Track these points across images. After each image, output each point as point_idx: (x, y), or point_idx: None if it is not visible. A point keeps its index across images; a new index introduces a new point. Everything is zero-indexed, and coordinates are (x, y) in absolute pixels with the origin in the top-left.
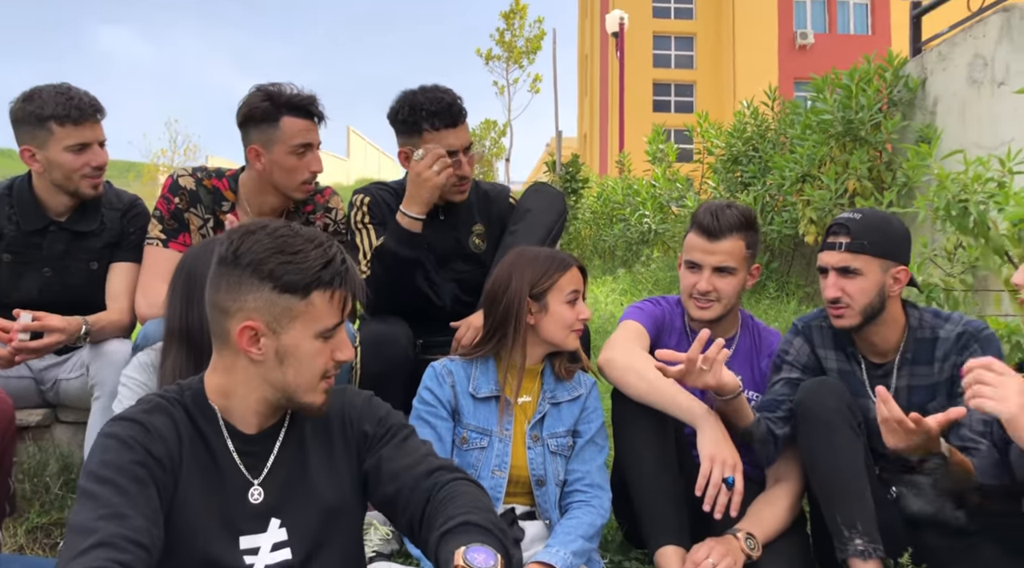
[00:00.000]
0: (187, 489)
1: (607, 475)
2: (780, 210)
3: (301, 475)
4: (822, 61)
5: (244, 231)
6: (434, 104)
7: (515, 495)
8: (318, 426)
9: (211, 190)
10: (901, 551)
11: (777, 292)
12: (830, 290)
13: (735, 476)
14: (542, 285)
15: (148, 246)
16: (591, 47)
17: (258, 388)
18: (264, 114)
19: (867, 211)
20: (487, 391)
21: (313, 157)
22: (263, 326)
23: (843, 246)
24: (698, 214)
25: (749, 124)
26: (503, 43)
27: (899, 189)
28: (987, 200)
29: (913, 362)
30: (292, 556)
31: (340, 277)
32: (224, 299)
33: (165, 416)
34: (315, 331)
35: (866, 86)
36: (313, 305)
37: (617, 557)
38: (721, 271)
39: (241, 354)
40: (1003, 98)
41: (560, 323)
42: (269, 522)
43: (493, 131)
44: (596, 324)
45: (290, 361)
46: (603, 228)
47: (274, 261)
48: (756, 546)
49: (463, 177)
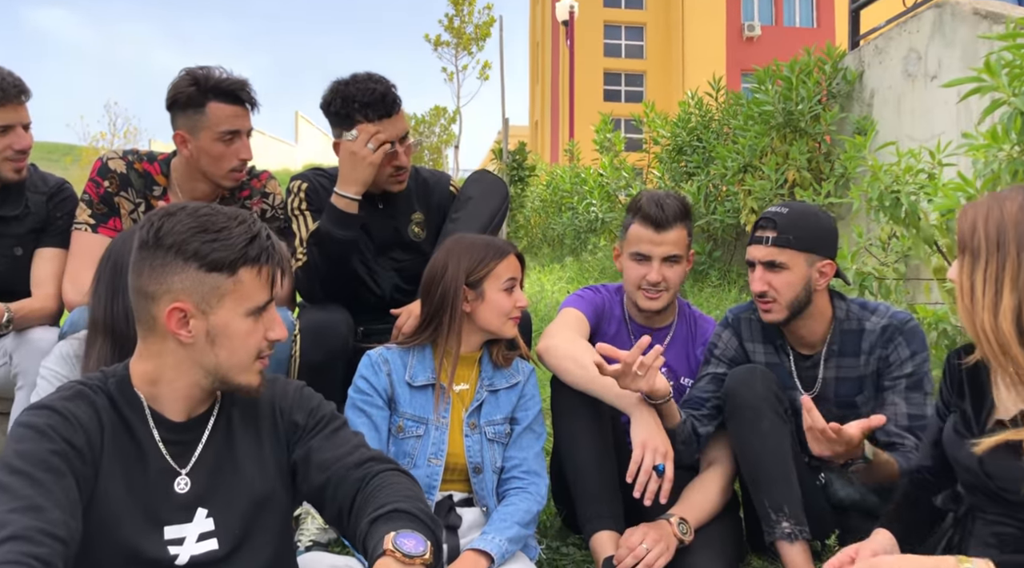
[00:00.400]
0: (108, 479)
1: (544, 462)
2: (723, 200)
3: (229, 464)
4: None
5: (164, 213)
6: (367, 95)
7: (452, 482)
8: (247, 415)
9: (142, 174)
10: (829, 534)
11: (719, 280)
12: (756, 284)
13: (666, 464)
14: (478, 273)
15: (76, 231)
16: (542, 35)
17: (188, 372)
18: (189, 99)
19: (795, 205)
20: (424, 379)
21: (242, 144)
22: (192, 307)
23: (769, 240)
24: (641, 205)
25: (694, 114)
26: (452, 29)
27: (837, 180)
28: (918, 191)
29: (840, 354)
30: (219, 547)
31: (266, 253)
32: (148, 283)
33: (86, 404)
34: (245, 309)
35: (806, 78)
36: (241, 282)
37: (555, 543)
38: (669, 260)
39: (169, 338)
40: (935, 92)
41: (496, 311)
42: (195, 512)
43: (443, 118)
44: (542, 312)
45: (222, 341)
46: (552, 216)
47: (198, 240)
48: (688, 530)
49: (400, 168)
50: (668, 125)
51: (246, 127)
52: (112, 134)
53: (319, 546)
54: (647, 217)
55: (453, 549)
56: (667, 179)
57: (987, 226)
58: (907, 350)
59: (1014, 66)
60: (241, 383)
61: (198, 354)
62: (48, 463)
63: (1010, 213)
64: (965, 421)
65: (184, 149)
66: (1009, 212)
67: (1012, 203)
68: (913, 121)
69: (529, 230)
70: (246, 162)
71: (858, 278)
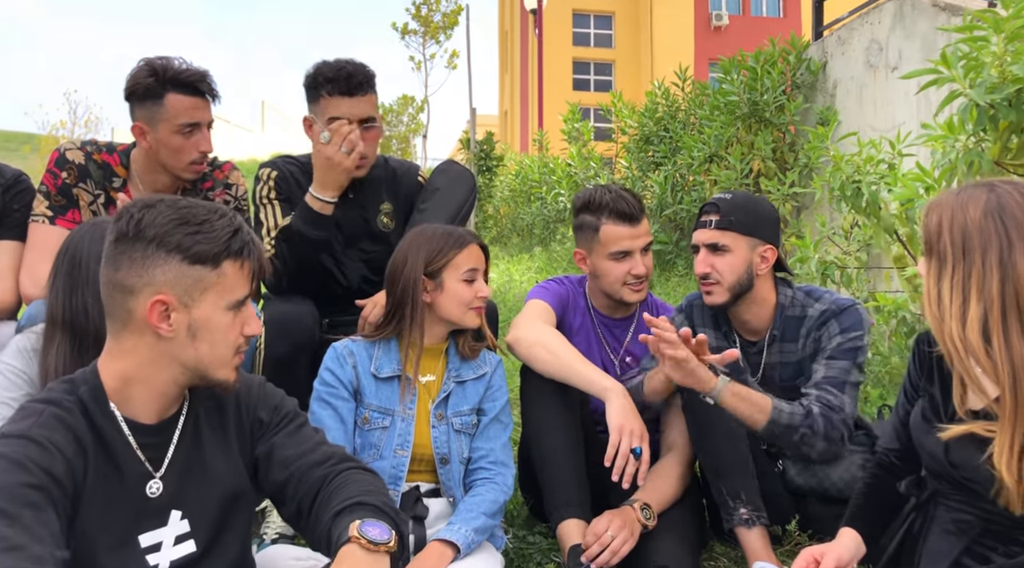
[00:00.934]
0: (90, 501)
1: (511, 452)
2: (689, 189)
3: (199, 463)
4: (736, 43)
5: (143, 205)
6: (333, 71)
7: (419, 473)
8: (211, 412)
9: (101, 165)
10: (788, 519)
11: (686, 269)
12: (700, 266)
13: (642, 446)
14: (437, 263)
15: (33, 223)
16: (511, 24)
17: (166, 368)
18: (147, 90)
19: (738, 193)
20: (389, 371)
21: (202, 137)
22: (174, 300)
23: (712, 224)
24: (607, 204)
25: (660, 105)
26: (419, 17)
27: (801, 170)
28: (878, 181)
29: (782, 339)
30: (196, 548)
31: (248, 247)
32: (127, 276)
33: (64, 428)
34: (227, 303)
35: (771, 69)
36: (225, 275)
37: (522, 532)
38: (647, 250)
39: (147, 333)
40: (896, 83)
41: (456, 301)
42: (169, 515)
43: (411, 107)
44: (510, 302)
45: (203, 335)
46: (521, 206)
47: (180, 232)
48: (651, 516)
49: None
50: (635, 115)
51: (206, 119)
52: (72, 123)
53: (285, 539)
54: (620, 214)
55: (420, 539)
56: (635, 169)
57: (952, 232)
58: (837, 328)
59: (970, 58)
60: (219, 378)
61: (177, 349)
62: (24, 498)
63: (974, 219)
64: (933, 406)
65: (143, 141)
66: (973, 218)
67: (975, 208)
68: (875, 111)
69: (498, 220)
70: (206, 154)
71: (821, 267)
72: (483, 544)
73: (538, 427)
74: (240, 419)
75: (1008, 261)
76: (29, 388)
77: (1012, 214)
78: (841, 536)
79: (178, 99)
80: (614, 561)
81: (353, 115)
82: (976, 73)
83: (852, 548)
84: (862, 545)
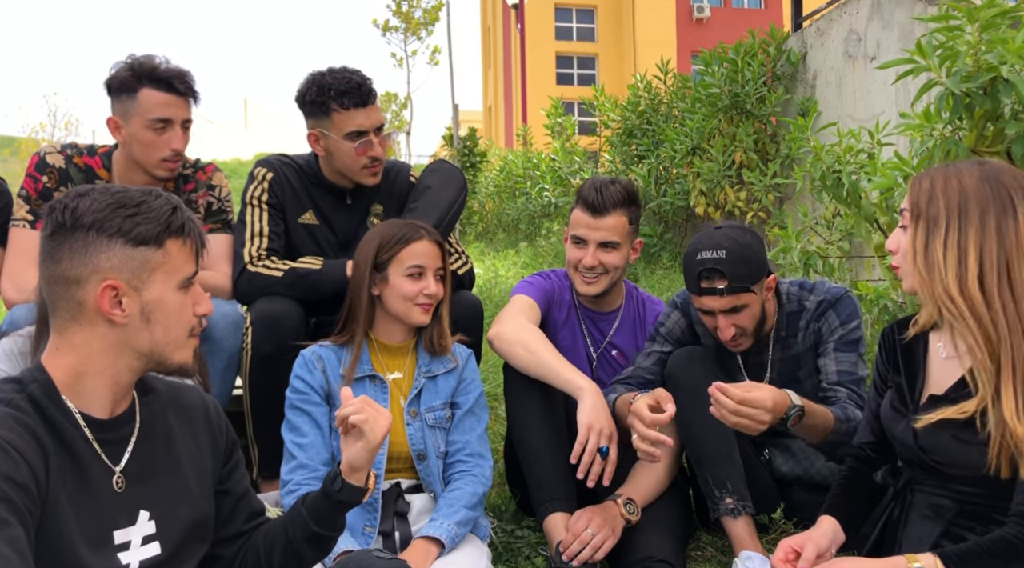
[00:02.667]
0: (58, 500)
1: (488, 443)
2: (672, 182)
3: (167, 466)
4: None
5: (75, 194)
6: (342, 83)
7: (399, 471)
8: (182, 418)
9: (83, 169)
10: (774, 508)
11: (671, 262)
12: (726, 331)
13: (610, 446)
14: (382, 256)
15: (14, 228)
16: (493, 19)
17: (120, 357)
18: (123, 84)
19: (725, 243)
20: (358, 372)
21: (174, 134)
22: (123, 284)
23: (724, 292)
24: (583, 190)
25: (643, 98)
26: (400, 13)
27: (783, 161)
28: (858, 171)
29: (785, 337)
30: (161, 551)
31: (188, 224)
32: (70, 267)
33: (22, 428)
34: (176, 281)
35: (751, 60)
36: (170, 254)
37: (510, 526)
38: (605, 246)
39: (99, 323)
40: (875, 73)
41: (398, 295)
42: (138, 514)
43: (394, 104)
44: (496, 298)
45: (157, 317)
46: (506, 201)
47: (119, 216)
48: (635, 510)
49: (375, 158)
50: (618, 109)
51: (180, 117)
52: (53, 126)
53: None
54: (585, 202)
55: (405, 536)
56: (618, 162)
57: (947, 195)
58: (837, 319)
59: (946, 47)
60: (176, 362)
61: (132, 335)
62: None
63: (970, 184)
64: (900, 396)
65: (117, 134)
66: (969, 183)
67: (970, 176)
68: (854, 102)
69: (484, 216)
70: (178, 153)
71: (803, 257)
72: (468, 537)
73: (522, 422)
74: (213, 433)
75: (1005, 224)
76: None
77: (1006, 182)
78: (820, 523)
79: (151, 94)
80: (597, 557)
81: (370, 125)
82: (952, 62)
83: (830, 534)
84: (840, 532)
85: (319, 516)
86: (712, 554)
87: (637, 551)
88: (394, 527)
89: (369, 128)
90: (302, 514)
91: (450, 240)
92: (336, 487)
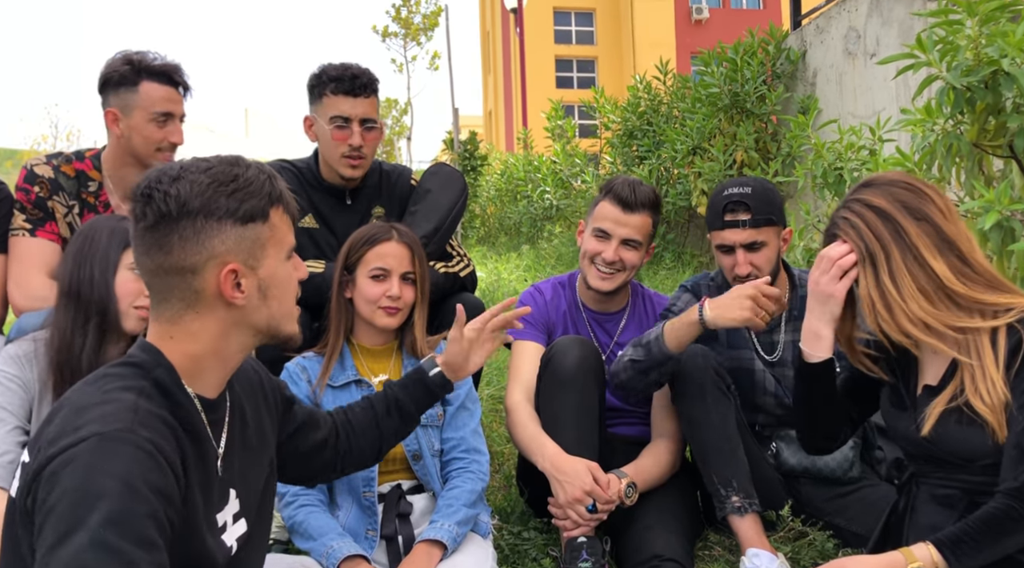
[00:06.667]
0: (191, 496)
1: (482, 437)
2: (674, 183)
3: (241, 438)
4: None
5: (168, 179)
6: (338, 71)
7: (395, 472)
8: (243, 384)
9: (73, 175)
10: (782, 504)
11: (673, 263)
12: (742, 268)
13: (592, 503)
14: (352, 258)
15: (14, 237)
16: (492, 23)
17: (239, 337)
18: (123, 78)
19: (751, 182)
20: (344, 378)
21: (174, 128)
22: (241, 265)
23: (747, 223)
24: (614, 185)
25: (643, 99)
26: (400, 19)
27: (784, 159)
28: (860, 167)
29: (799, 318)
30: (247, 526)
31: (284, 191)
32: (183, 256)
33: (162, 426)
34: (284, 253)
35: (750, 59)
36: (275, 226)
37: (517, 528)
38: (628, 243)
39: (218, 307)
40: (875, 69)
41: (363, 298)
42: (230, 494)
43: (394, 109)
44: (499, 301)
45: (273, 292)
46: (507, 205)
47: (222, 195)
48: (634, 494)
49: (355, 148)
50: (618, 110)
51: (179, 111)
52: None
53: (279, 545)
54: (617, 197)
55: (408, 537)
56: (619, 164)
57: (870, 225)
58: None
59: (946, 42)
60: (288, 333)
61: (250, 313)
62: (141, 535)
63: (882, 205)
64: (896, 393)
65: (115, 127)
66: (880, 205)
67: (876, 198)
68: (855, 99)
69: (486, 220)
70: (175, 146)
71: (806, 254)
72: (470, 536)
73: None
74: (265, 392)
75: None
76: (24, 393)
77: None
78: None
79: (153, 87)
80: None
81: (353, 114)
82: (952, 56)
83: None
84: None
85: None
86: (720, 553)
87: (645, 550)
88: (397, 530)
89: (353, 117)
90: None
91: (451, 242)
92: (429, 368)
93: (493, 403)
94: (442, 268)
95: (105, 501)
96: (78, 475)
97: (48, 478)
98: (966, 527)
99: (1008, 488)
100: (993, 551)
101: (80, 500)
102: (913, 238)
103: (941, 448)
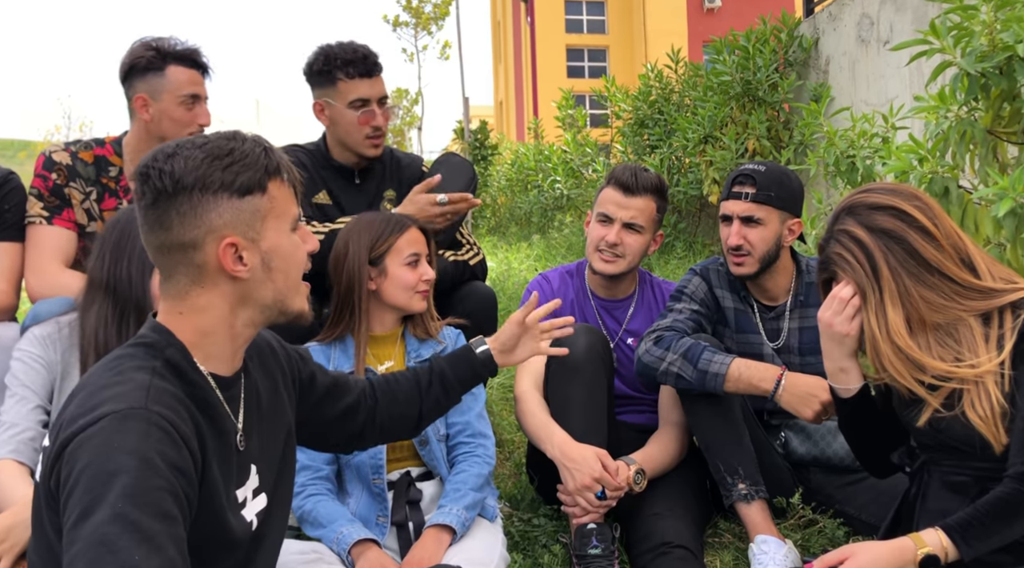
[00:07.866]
0: (209, 472)
1: (487, 420)
2: (685, 172)
3: (257, 413)
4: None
5: (163, 157)
6: (348, 53)
7: (403, 460)
8: (261, 360)
9: (92, 161)
10: (791, 492)
11: (685, 252)
12: (733, 238)
13: (601, 489)
14: (379, 249)
15: (31, 225)
16: (503, 13)
17: (245, 312)
18: (149, 63)
19: (770, 164)
20: (348, 367)
21: (201, 109)
22: (240, 238)
23: (749, 196)
24: (616, 171)
25: (654, 87)
26: (410, 9)
27: (796, 147)
28: (872, 155)
29: (804, 305)
30: (267, 501)
31: (283, 162)
32: (183, 232)
33: (176, 403)
34: (287, 224)
35: (762, 47)
36: (275, 198)
37: (527, 514)
38: (630, 227)
39: (222, 282)
40: (888, 56)
41: (400, 285)
42: (250, 469)
43: (405, 99)
44: (509, 291)
45: (276, 264)
46: (518, 195)
47: (216, 168)
48: (642, 481)
49: (377, 128)
50: (629, 99)
51: (204, 93)
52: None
53: (291, 531)
54: (618, 181)
55: (418, 524)
56: (630, 153)
57: (856, 255)
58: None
59: (960, 27)
60: (296, 308)
61: (255, 287)
62: (159, 508)
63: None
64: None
65: (144, 113)
66: (860, 236)
67: (855, 228)
68: (868, 86)
69: (496, 209)
70: (203, 127)
71: (818, 242)
72: (477, 520)
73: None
74: (283, 368)
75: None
76: (48, 373)
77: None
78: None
79: (180, 71)
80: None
81: (374, 95)
82: (966, 42)
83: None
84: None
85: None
86: (730, 540)
87: (655, 536)
88: (407, 516)
89: (373, 98)
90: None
91: (461, 231)
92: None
93: (503, 391)
94: (452, 257)
95: (122, 477)
96: (95, 453)
97: (68, 458)
98: (975, 512)
99: (1016, 472)
100: (1002, 535)
101: (98, 477)
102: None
103: (952, 436)
